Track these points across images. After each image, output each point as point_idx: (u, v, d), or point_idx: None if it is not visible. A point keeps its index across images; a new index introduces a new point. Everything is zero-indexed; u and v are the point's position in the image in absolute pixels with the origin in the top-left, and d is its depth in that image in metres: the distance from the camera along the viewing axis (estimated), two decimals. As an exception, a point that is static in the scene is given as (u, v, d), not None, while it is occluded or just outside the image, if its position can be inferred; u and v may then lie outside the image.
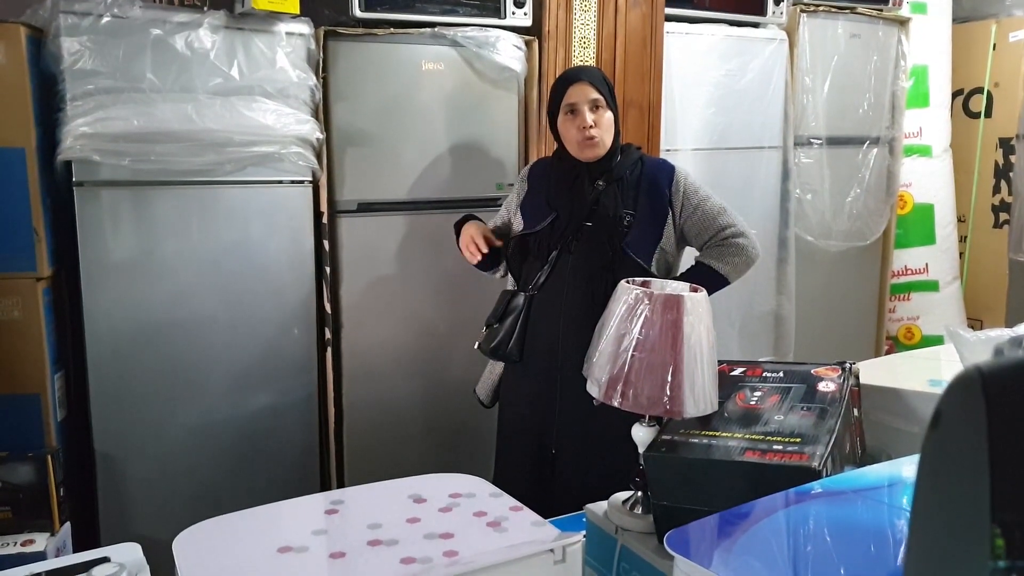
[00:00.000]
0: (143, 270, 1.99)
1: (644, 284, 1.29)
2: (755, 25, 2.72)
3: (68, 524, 1.91)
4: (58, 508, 1.87)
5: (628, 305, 1.23)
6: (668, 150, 2.54)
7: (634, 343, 1.21)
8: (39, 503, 1.85)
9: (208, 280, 2.06)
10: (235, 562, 1.17)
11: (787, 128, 2.78)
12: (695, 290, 1.25)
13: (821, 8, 2.81)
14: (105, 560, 1.13)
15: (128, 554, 1.22)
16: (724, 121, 2.66)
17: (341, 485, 2.29)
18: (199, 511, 1.27)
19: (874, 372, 1.48)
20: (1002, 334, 1.33)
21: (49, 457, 1.85)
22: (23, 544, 1.81)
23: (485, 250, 1.94)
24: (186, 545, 1.21)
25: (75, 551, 1.88)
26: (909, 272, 3.29)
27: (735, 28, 2.67)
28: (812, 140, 2.86)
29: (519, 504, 1.31)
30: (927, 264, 3.29)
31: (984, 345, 1.23)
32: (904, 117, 3.08)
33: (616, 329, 1.24)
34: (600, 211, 1.88)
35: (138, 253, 1.98)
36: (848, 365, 1.29)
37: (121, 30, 1.86)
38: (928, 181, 3.25)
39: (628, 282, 1.26)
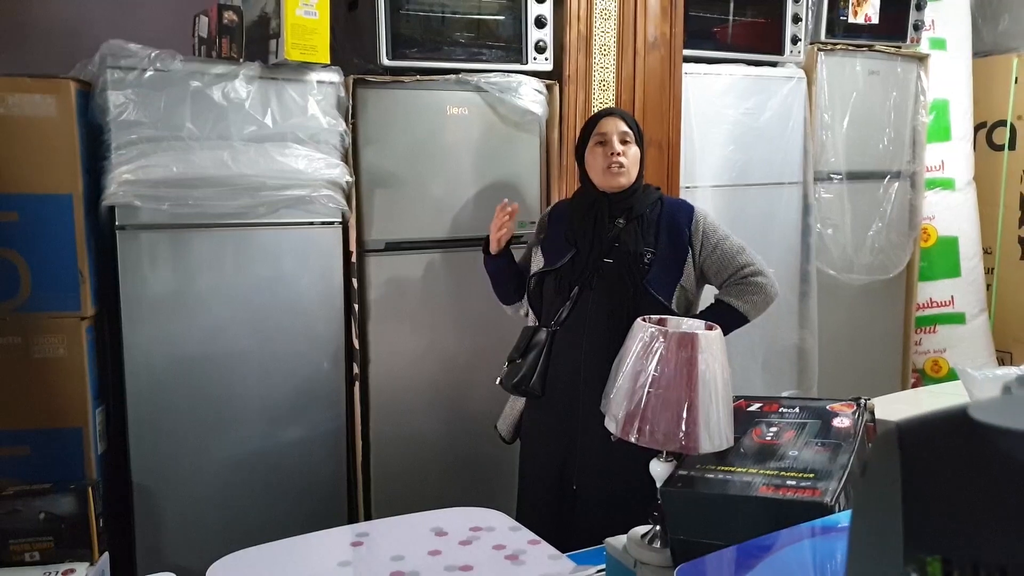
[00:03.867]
0: (181, 309, 2.07)
1: (660, 322, 1.33)
2: (773, 64, 2.77)
3: (107, 554, 1.96)
4: (98, 539, 1.93)
5: (644, 343, 1.27)
6: (687, 187, 2.59)
7: (650, 380, 1.24)
8: (80, 534, 1.90)
9: (242, 318, 2.13)
10: (265, 592, 1.22)
11: (807, 164, 2.82)
12: (710, 328, 1.29)
13: (839, 47, 2.85)
14: (143, 589, 1.19)
15: (165, 583, 1.27)
16: (743, 158, 2.71)
17: (368, 516, 2.33)
18: (232, 541, 1.33)
19: (896, 407, 1.49)
20: (1009, 372, 1.35)
21: (90, 489, 1.91)
22: (64, 573, 1.87)
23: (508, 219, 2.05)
24: (219, 575, 1.26)
25: (112, 581, 1.94)
26: (934, 305, 3.28)
27: (753, 68, 2.72)
28: (832, 175, 2.89)
29: (537, 538, 1.34)
30: (953, 297, 3.27)
31: (992, 383, 1.25)
32: (925, 151, 3.10)
33: (632, 366, 1.27)
34: (621, 248, 1.93)
35: (176, 293, 2.06)
36: (863, 401, 1.32)
37: (163, 83, 1.95)
38: (951, 214, 3.25)
39: (644, 320, 1.30)
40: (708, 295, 2.06)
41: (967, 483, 0.39)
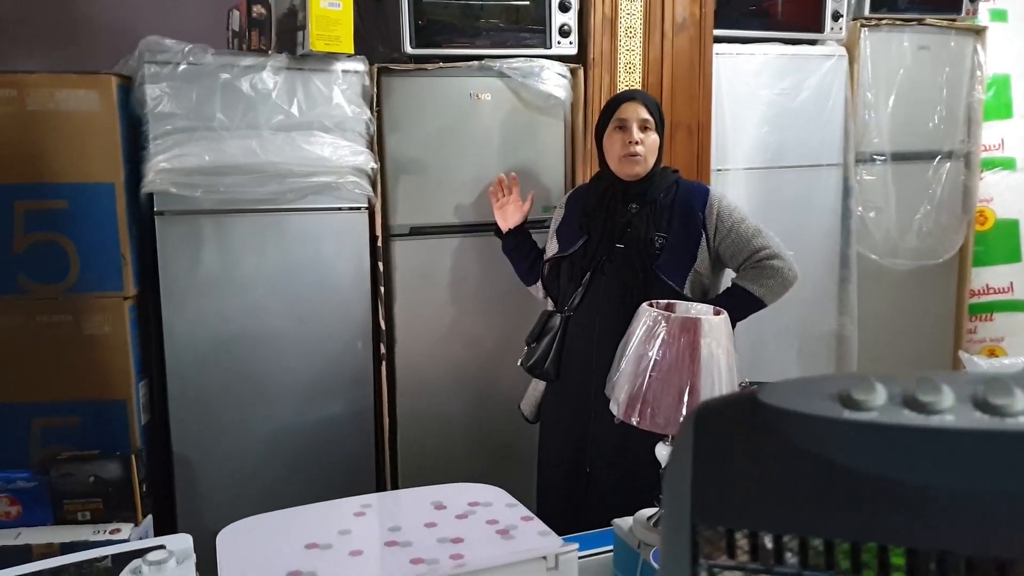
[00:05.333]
0: (216, 289, 2.18)
1: (668, 307, 1.33)
2: (811, 42, 2.69)
3: (150, 517, 2.11)
4: (141, 502, 2.08)
5: (647, 327, 1.28)
6: (719, 169, 2.56)
7: (652, 364, 1.24)
8: (125, 497, 2.05)
9: (273, 299, 2.23)
10: (266, 554, 1.30)
11: (847, 145, 2.73)
12: (717, 313, 1.29)
13: (884, 22, 2.74)
14: (161, 547, 1.29)
15: (179, 543, 1.38)
16: (778, 140, 2.65)
17: (396, 491, 2.42)
18: (264, 509, 1.42)
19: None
20: (1015, 362, 1.29)
21: (133, 456, 2.05)
22: (111, 532, 2.02)
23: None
24: (228, 538, 1.35)
25: (154, 541, 2.09)
26: (991, 291, 3.13)
27: (789, 46, 2.64)
28: (875, 157, 2.79)
29: (531, 515, 1.39)
30: (1012, 283, 3.11)
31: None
32: (982, 129, 2.95)
33: (635, 350, 1.28)
34: (632, 233, 1.93)
35: (212, 274, 2.17)
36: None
37: (195, 75, 2.05)
38: (1012, 195, 3.08)
39: (650, 305, 1.31)
40: (728, 280, 2.04)
41: (751, 461, 0.41)
